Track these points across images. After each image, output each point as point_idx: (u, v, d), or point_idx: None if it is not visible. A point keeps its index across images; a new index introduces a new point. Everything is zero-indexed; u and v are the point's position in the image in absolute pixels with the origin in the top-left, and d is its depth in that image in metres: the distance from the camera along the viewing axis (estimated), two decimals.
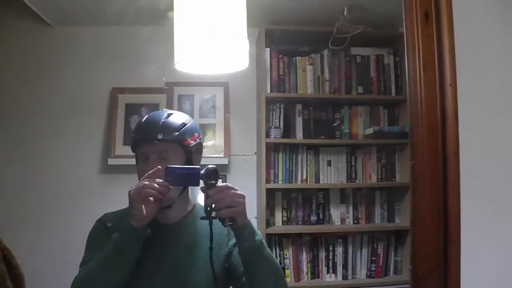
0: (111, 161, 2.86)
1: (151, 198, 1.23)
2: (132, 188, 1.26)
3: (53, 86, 2.96)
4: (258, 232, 1.34)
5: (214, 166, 1.26)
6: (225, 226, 1.27)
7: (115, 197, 2.80)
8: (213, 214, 1.27)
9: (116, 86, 2.97)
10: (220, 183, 1.28)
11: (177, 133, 1.38)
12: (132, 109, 2.93)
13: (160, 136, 1.36)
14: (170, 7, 1.77)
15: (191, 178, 1.27)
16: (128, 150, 1.48)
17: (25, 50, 2.99)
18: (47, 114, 2.95)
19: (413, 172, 1.14)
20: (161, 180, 1.26)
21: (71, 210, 2.86)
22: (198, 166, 1.30)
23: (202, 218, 1.28)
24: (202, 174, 1.25)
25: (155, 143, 1.36)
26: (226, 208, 1.25)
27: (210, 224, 1.29)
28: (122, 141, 2.89)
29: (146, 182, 1.24)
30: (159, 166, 1.28)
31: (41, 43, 2.99)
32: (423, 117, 1.13)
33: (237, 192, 1.27)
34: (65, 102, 2.96)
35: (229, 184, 1.28)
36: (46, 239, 2.85)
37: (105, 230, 1.38)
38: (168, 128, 1.38)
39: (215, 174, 1.26)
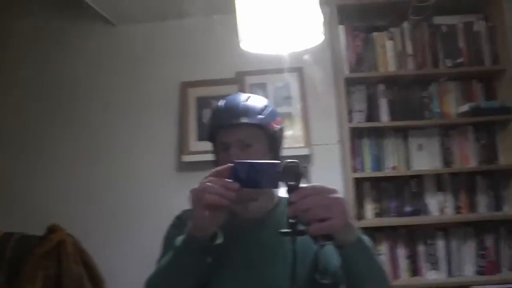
0: (185, 158, 2.77)
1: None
2: (194, 188, 1.05)
3: (121, 85, 2.96)
4: (368, 244, 1.07)
5: (296, 161, 0.98)
6: (319, 246, 0.99)
7: None
8: (300, 227, 0.96)
9: (185, 80, 2.90)
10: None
11: (261, 116, 1.26)
12: (203, 103, 2.84)
13: (244, 120, 1.23)
14: None
15: (266, 177, 0.99)
16: (202, 146, 1.34)
17: (90, 50, 3.01)
18: (118, 114, 2.94)
19: None
20: (229, 181, 1.02)
21: (146, 210, 2.80)
22: (278, 162, 1.02)
23: (283, 233, 0.98)
24: (279, 172, 0.97)
25: (236, 129, 1.24)
26: (318, 222, 0.93)
27: (293, 242, 1.00)
28: (196, 136, 2.79)
29: (208, 184, 1.01)
30: (229, 164, 1.05)
31: (105, 42, 3.01)
32: None
33: (332, 196, 0.95)
34: (134, 101, 2.94)
35: (318, 185, 0.96)
36: (122, 240, 2.80)
37: (183, 227, 1.24)
38: (250, 110, 1.26)
39: (296, 172, 0.96)
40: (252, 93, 2.76)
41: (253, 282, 1.19)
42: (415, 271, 2.59)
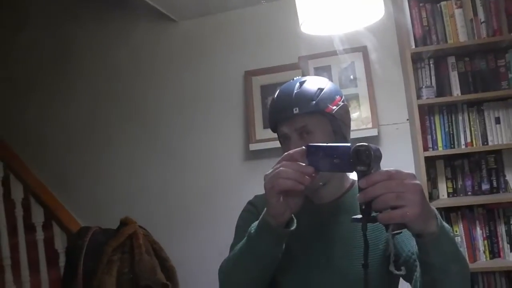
0: (252, 147, 2.87)
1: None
2: (267, 173, 1.07)
3: (186, 79, 3.10)
4: (451, 235, 1.00)
5: (365, 144, 0.92)
6: (390, 235, 0.92)
7: (260, 184, 2.86)
8: (373, 214, 0.92)
9: (248, 69, 2.98)
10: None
11: (314, 102, 1.25)
12: (267, 90, 2.91)
13: (296, 111, 1.24)
14: None
15: (341, 160, 0.95)
16: (269, 133, 1.38)
17: (154, 48, 3.17)
18: (183, 108, 3.10)
19: None
20: (303, 165, 1.03)
21: (216, 201, 2.96)
22: (348, 144, 0.96)
23: (354, 220, 0.95)
24: (349, 156, 0.93)
25: (293, 120, 1.26)
26: (390, 210, 0.89)
27: (364, 230, 0.96)
28: (262, 124, 2.88)
29: (282, 169, 1.03)
30: (303, 146, 1.07)
31: (168, 39, 3.16)
32: None
33: (406, 181, 0.89)
34: (199, 94, 3.07)
35: (393, 170, 0.90)
36: (194, 232, 2.99)
37: (256, 212, 1.33)
38: (302, 99, 1.26)
39: (367, 156, 0.91)
40: (316, 76, 2.84)
41: (330, 270, 1.23)
42: (494, 252, 2.52)
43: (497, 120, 2.57)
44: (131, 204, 3.01)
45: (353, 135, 2.70)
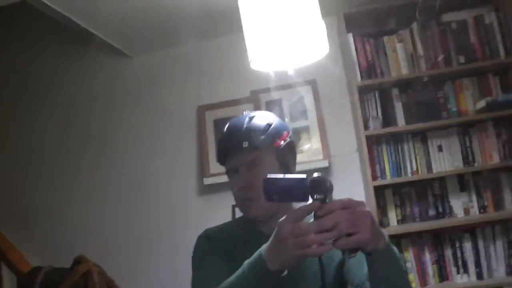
0: (207, 181, 2.93)
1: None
2: (283, 220, 1.04)
3: (141, 113, 3.15)
4: (396, 252, 1.12)
5: (320, 174, 1.01)
6: (347, 259, 1.03)
7: (216, 216, 2.88)
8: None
9: (201, 103, 3.06)
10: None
11: (263, 136, 1.32)
12: (221, 125, 2.95)
13: (245, 145, 1.30)
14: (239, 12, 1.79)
15: (297, 192, 1.02)
16: (222, 168, 1.42)
17: (110, 82, 3.23)
18: (139, 142, 3.14)
19: None
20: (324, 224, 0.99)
21: (171, 235, 2.99)
22: (305, 176, 1.03)
23: None
24: (306, 186, 1.01)
25: (241, 153, 1.31)
26: (345, 237, 0.98)
27: (320, 261, 1.10)
28: (216, 158, 2.93)
29: (307, 227, 1.00)
30: (264, 178, 1.06)
31: (123, 73, 3.22)
32: None
33: (358, 209, 1.00)
34: (153, 127, 3.13)
35: (345, 199, 1.01)
36: (149, 266, 3.00)
37: (212, 245, 1.37)
38: (252, 133, 1.32)
39: (323, 186, 1.00)
40: (268, 110, 2.94)
41: None
42: (443, 276, 2.65)
43: (440, 148, 2.74)
44: (85, 241, 2.98)
45: (304, 166, 2.82)
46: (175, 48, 3.12)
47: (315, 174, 1.02)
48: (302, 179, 1.02)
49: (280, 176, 1.07)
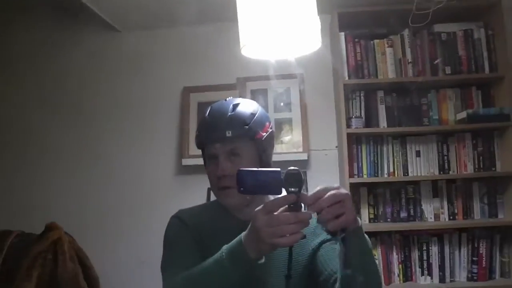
0: (185, 162, 2.95)
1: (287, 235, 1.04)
2: (259, 210, 1.07)
3: (125, 90, 3.15)
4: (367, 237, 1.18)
5: (296, 168, 1.05)
6: (337, 239, 1.10)
7: (191, 197, 2.92)
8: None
9: (187, 85, 3.08)
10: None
11: (247, 126, 1.32)
12: (204, 108, 2.98)
13: (229, 134, 1.30)
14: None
15: (270, 185, 1.06)
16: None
17: (96, 56, 3.20)
18: (120, 118, 3.14)
19: None
20: (302, 213, 1.05)
21: (147, 212, 3.00)
22: (279, 169, 1.07)
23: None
24: (282, 179, 1.05)
25: (223, 141, 1.31)
26: (335, 219, 1.03)
27: (290, 250, 1.13)
28: (195, 141, 2.95)
29: (282, 218, 1.04)
30: (237, 170, 1.09)
31: (110, 49, 3.20)
32: None
33: (341, 192, 1.04)
34: (137, 105, 3.13)
35: (326, 186, 1.06)
36: (122, 242, 3.01)
37: (185, 227, 1.36)
38: (236, 122, 1.32)
39: (298, 179, 1.04)
40: (253, 98, 2.97)
41: (255, 282, 1.27)
42: (408, 276, 2.75)
43: (418, 153, 2.83)
44: (59, 210, 2.96)
45: (284, 157, 2.87)
46: (166, 28, 3.13)
47: (291, 168, 1.05)
48: (276, 172, 1.06)
49: (254, 169, 1.11)
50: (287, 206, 1.05)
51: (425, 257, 2.75)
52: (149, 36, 3.16)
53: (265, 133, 1.35)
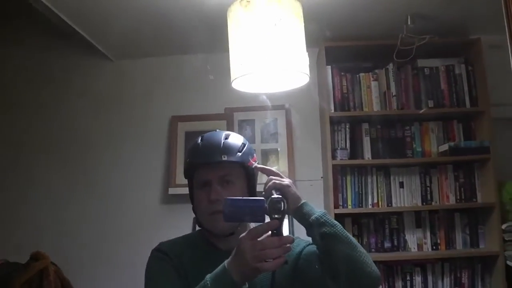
0: (172, 191, 3.03)
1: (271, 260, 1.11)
2: (244, 236, 1.14)
3: (114, 117, 3.23)
4: (332, 223, 1.32)
5: (280, 196, 1.18)
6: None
7: (177, 227, 2.97)
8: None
9: (175, 114, 3.17)
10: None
11: (240, 153, 1.39)
12: (191, 137, 3.09)
13: (224, 158, 1.35)
14: (227, 31, 1.93)
15: (255, 213, 1.14)
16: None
17: (87, 83, 3.29)
18: (107, 146, 3.21)
19: None
20: (285, 237, 1.14)
21: (134, 242, 3.03)
22: (263, 198, 1.17)
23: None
24: (265, 207, 1.14)
25: (217, 167, 1.36)
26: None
27: (273, 275, 1.21)
28: (184, 169, 3.03)
29: (266, 242, 1.12)
30: (225, 198, 1.17)
31: (102, 77, 3.29)
32: None
33: (282, 183, 1.32)
34: (125, 133, 3.21)
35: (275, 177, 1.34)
36: (108, 272, 3.04)
37: (168, 259, 1.38)
38: (230, 148, 1.38)
39: (281, 207, 1.15)
40: (240, 128, 3.09)
41: None
42: None
43: (401, 185, 2.96)
44: (44, 239, 3.00)
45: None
46: (157, 57, 3.24)
47: (274, 196, 1.17)
48: (260, 200, 1.15)
49: (240, 198, 1.19)
50: (270, 232, 1.13)
51: (408, 287, 2.86)
52: (140, 64, 3.27)
53: (254, 163, 1.43)
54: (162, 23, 2.72)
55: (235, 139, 1.43)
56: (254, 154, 1.46)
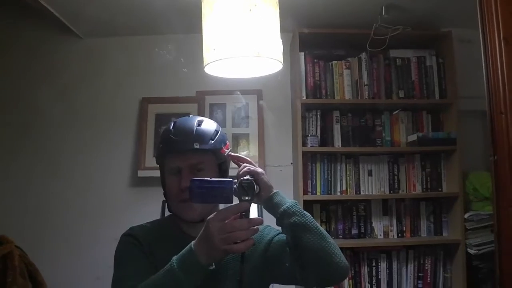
0: (141, 173, 3.04)
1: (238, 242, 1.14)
2: (212, 218, 1.16)
3: (82, 97, 3.18)
4: (302, 214, 1.35)
5: (249, 178, 1.21)
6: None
7: (146, 210, 3.01)
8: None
9: (145, 96, 3.16)
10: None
11: (213, 141, 1.39)
12: (162, 120, 3.10)
13: (196, 146, 1.36)
14: (200, 14, 1.94)
15: (222, 194, 1.16)
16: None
17: (55, 62, 3.23)
18: (76, 127, 3.17)
19: (495, 171, 1.03)
20: (253, 218, 1.18)
21: (101, 225, 3.04)
22: (231, 179, 1.20)
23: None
24: (235, 189, 1.17)
25: (189, 154, 1.37)
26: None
27: (242, 256, 1.23)
28: (152, 152, 3.06)
29: (235, 224, 1.15)
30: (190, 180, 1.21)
31: (70, 55, 3.23)
32: (508, 100, 1.00)
33: (256, 170, 1.33)
34: (94, 114, 3.18)
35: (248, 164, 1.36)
36: (75, 255, 3.03)
37: (138, 244, 1.38)
38: (203, 136, 1.39)
39: (250, 188, 1.19)
40: (211, 112, 3.10)
41: None
42: None
43: (370, 173, 3.04)
44: (7, 222, 2.96)
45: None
46: (127, 36, 3.21)
47: (244, 178, 1.20)
48: (228, 181, 1.18)
49: (207, 178, 1.20)
50: (238, 214, 1.16)
51: (374, 273, 2.96)
52: (110, 43, 3.22)
53: (227, 150, 1.45)
54: (134, 1, 2.69)
55: (208, 125, 1.44)
56: (227, 141, 1.47)
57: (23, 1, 2.67)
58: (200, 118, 1.46)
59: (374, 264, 2.98)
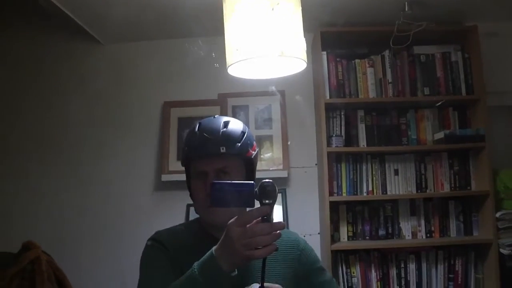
0: (164, 177, 3.07)
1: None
2: (233, 222, 1.14)
3: (105, 103, 3.25)
4: None
5: (270, 181, 1.14)
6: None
7: (170, 214, 3.05)
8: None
9: (167, 100, 3.21)
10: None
11: (239, 144, 1.38)
12: (185, 123, 3.14)
13: (223, 150, 1.34)
14: (222, 15, 1.97)
15: (243, 197, 1.14)
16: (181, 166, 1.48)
17: (77, 69, 3.30)
18: (99, 132, 3.23)
19: None
20: (275, 223, 1.13)
21: (125, 229, 3.09)
22: (252, 182, 1.17)
23: None
24: (256, 192, 1.13)
25: (215, 158, 1.35)
26: None
27: (264, 262, 1.18)
28: (176, 156, 3.10)
29: (256, 229, 1.11)
30: (211, 183, 1.19)
31: (92, 61, 3.30)
32: None
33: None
34: (117, 119, 3.24)
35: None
36: (102, 261, 3.08)
37: (164, 249, 1.38)
38: (229, 139, 1.37)
39: (272, 192, 1.13)
40: (234, 114, 3.13)
41: None
42: None
43: (396, 172, 3.04)
44: (35, 229, 3.03)
45: (264, 174, 3.01)
46: (148, 41, 3.26)
47: (265, 180, 1.13)
48: (249, 184, 1.15)
49: (227, 181, 1.20)
50: (260, 218, 1.13)
51: (403, 275, 2.95)
52: (132, 48, 3.29)
53: (254, 152, 1.43)
54: (154, 6, 2.73)
55: (235, 126, 1.42)
56: (254, 142, 1.46)
57: (46, 13, 2.74)
58: (226, 118, 1.45)
59: (402, 265, 2.97)
